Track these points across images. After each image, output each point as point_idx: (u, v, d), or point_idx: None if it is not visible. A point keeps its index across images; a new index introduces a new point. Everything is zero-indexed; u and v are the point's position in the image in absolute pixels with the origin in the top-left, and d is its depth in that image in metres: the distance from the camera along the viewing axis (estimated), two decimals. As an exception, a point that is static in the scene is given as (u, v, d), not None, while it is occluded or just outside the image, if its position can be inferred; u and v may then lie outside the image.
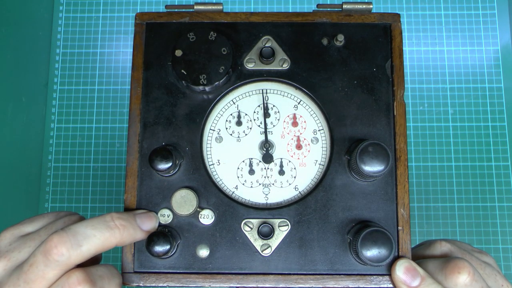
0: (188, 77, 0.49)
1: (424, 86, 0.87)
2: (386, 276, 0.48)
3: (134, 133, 0.50)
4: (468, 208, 0.83)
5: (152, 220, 0.48)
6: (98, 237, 0.42)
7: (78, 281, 0.41)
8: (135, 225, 0.45)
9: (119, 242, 0.44)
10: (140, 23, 0.52)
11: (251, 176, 0.51)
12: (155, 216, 0.48)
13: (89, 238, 0.42)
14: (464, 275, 0.45)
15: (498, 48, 0.88)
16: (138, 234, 0.46)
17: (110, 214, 0.44)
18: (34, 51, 0.86)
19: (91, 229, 0.42)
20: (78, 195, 0.85)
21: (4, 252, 0.44)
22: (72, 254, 0.41)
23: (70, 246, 0.41)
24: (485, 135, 0.85)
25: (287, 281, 0.48)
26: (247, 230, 0.49)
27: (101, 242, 0.42)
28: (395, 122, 0.50)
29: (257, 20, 0.52)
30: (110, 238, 0.43)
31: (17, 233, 0.45)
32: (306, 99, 0.52)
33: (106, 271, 0.44)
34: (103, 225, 0.43)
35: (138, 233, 0.46)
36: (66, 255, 0.41)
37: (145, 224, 0.47)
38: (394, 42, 0.52)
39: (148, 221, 0.47)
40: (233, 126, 0.52)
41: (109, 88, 0.88)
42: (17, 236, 0.45)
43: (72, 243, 0.41)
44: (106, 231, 0.43)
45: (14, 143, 0.81)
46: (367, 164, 0.46)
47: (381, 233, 0.46)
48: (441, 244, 0.50)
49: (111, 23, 0.90)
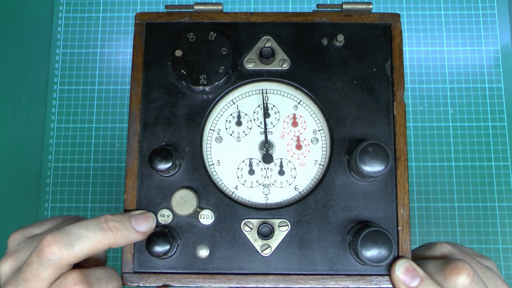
0: (188, 77, 0.49)
1: (424, 86, 0.87)
2: (386, 276, 0.48)
3: (134, 133, 0.50)
4: (468, 208, 0.83)
5: (148, 221, 0.48)
6: (90, 238, 0.43)
7: (74, 282, 0.42)
8: (129, 227, 0.46)
9: (112, 243, 0.44)
10: (140, 23, 0.52)
11: (251, 176, 0.51)
12: (152, 216, 0.48)
13: (82, 239, 0.42)
14: (463, 276, 0.44)
15: (498, 48, 0.88)
16: (133, 235, 0.46)
17: (104, 216, 0.45)
18: (34, 51, 0.86)
19: (84, 230, 0.43)
20: (78, 195, 0.85)
21: (12, 252, 0.45)
22: (64, 254, 0.41)
23: (62, 246, 0.41)
24: (485, 135, 0.85)
25: (287, 281, 0.48)
26: (247, 230, 0.49)
27: (94, 243, 0.43)
28: (395, 122, 0.50)
29: (257, 20, 0.52)
30: (102, 240, 0.43)
31: (26, 234, 0.47)
32: (306, 99, 0.52)
33: (104, 273, 0.45)
34: (97, 226, 0.43)
35: (132, 234, 0.46)
36: (58, 254, 0.41)
37: (141, 226, 0.47)
38: (394, 42, 0.52)
39: (144, 222, 0.47)
40: (233, 126, 0.52)
41: (109, 88, 0.88)
42: (25, 237, 0.46)
43: (65, 242, 0.42)
44: (99, 233, 0.43)
45: (14, 143, 0.81)
46: (367, 164, 0.46)
47: (381, 233, 0.46)
48: (441, 246, 0.50)
49: (111, 23, 0.90)
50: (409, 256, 0.48)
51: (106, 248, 0.44)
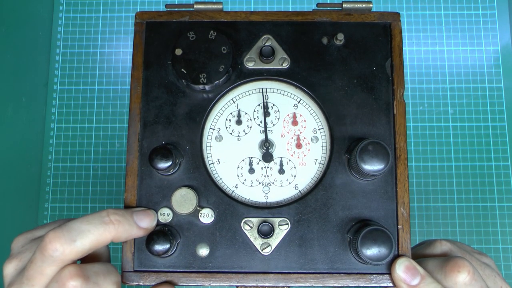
0: (188, 76, 0.49)
1: (424, 86, 0.87)
2: (386, 275, 0.48)
3: (134, 132, 0.50)
4: (468, 208, 0.83)
5: (150, 217, 0.48)
6: (92, 232, 0.43)
7: (70, 275, 0.42)
8: (131, 222, 0.46)
9: (114, 237, 0.44)
10: (140, 22, 0.52)
11: (251, 175, 0.51)
12: (153, 214, 0.48)
13: (83, 233, 0.42)
14: (463, 273, 0.44)
15: (498, 48, 0.88)
16: (134, 230, 0.46)
17: (107, 209, 0.45)
18: (34, 51, 0.86)
19: (86, 225, 0.43)
20: (78, 195, 0.85)
21: (16, 254, 0.45)
22: (66, 249, 0.41)
23: (64, 241, 0.41)
24: (485, 135, 0.85)
25: (287, 280, 0.48)
26: (247, 229, 0.49)
27: (96, 237, 0.43)
28: (395, 121, 0.50)
29: (257, 19, 0.52)
30: (104, 233, 0.43)
31: (29, 237, 0.47)
32: (306, 98, 0.52)
33: (102, 267, 0.45)
34: (98, 220, 0.43)
35: (134, 229, 0.46)
36: (60, 250, 0.41)
37: (143, 222, 0.47)
38: (394, 41, 0.52)
39: (146, 219, 0.47)
40: (233, 125, 0.52)
41: (109, 88, 0.88)
42: (29, 239, 0.47)
43: (66, 238, 0.42)
44: (100, 226, 0.43)
45: (14, 143, 0.81)
46: (367, 163, 0.46)
47: (381, 232, 0.46)
48: (441, 243, 0.50)
49: (111, 23, 0.90)
50: (409, 255, 0.48)
51: (108, 241, 0.44)
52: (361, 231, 0.46)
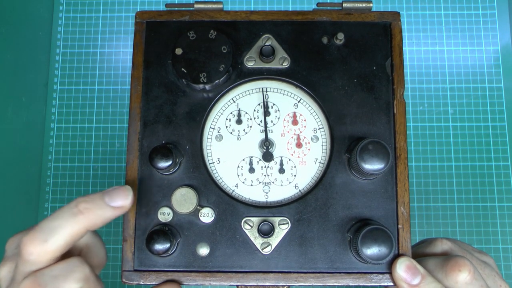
0: (188, 76, 0.49)
1: (424, 86, 0.87)
2: (387, 274, 0.48)
3: (134, 131, 0.50)
4: (468, 208, 0.83)
5: (123, 194, 0.44)
6: (63, 227, 0.41)
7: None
8: (102, 205, 0.42)
9: (88, 226, 0.42)
10: (140, 21, 0.53)
11: (251, 175, 0.51)
12: (127, 189, 0.44)
13: (55, 231, 0.41)
14: (464, 273, 0.45)
15: (498, 48, 0.88)
16: (108, 212, 0.43)
17: (76, 199, 0.42)
18: (34, 51, 0.86)
19: (55, 221, 0.41)
20: (78, 195, 0.85)
21: (10, 256, 0.44)
22: (40, 252, 0.40)
23: (37, 244, 0.40)
24: (485, 135, 0.85)
25: (287, 280, 0.48)
26: (247, 228, 0.49)
27: (68, 232, 0.41)
28: (395, 120, 0.50)
29: (257, 18, 0.52)
30: (76, 226, 0.41)
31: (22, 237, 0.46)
32: (306, 97, 0.52)
33: (63, 267, 0.42)
34: (67, 213, 0.41)
35: (108, 211, 0.43)
36: (34, 253, 0.40)
37: (116, 201, 0.43)
38: (394, 40, 0.52)
39: (119, 196, 0.44)
40: (233, 124, 0.52)
41: (109, 88, 0.88)
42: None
43: (39, 239, 0.40)
44: (70, 219, 0.41)
45: (14, 143, 0.80)
46: (367, 162, 0.46)
47: (381, 231, 0.46)
48: (441, 242, 0.50)
49: (111, 23, 0.90)
50: (409, 254, 0.48)
51: (83, 232, 0.42)
52: (361, 231, 0.46)
